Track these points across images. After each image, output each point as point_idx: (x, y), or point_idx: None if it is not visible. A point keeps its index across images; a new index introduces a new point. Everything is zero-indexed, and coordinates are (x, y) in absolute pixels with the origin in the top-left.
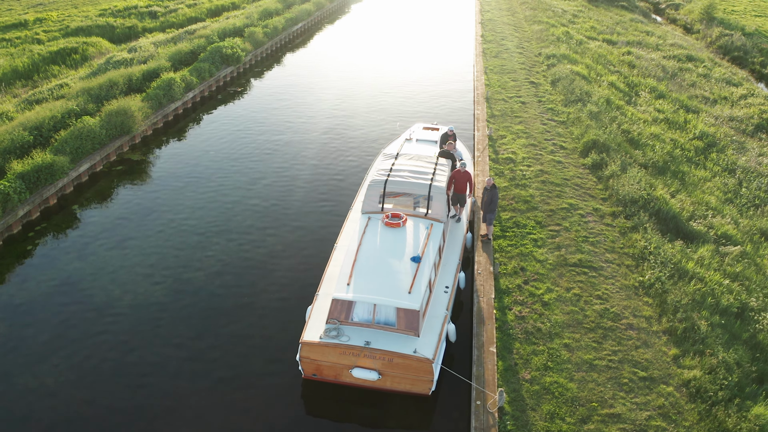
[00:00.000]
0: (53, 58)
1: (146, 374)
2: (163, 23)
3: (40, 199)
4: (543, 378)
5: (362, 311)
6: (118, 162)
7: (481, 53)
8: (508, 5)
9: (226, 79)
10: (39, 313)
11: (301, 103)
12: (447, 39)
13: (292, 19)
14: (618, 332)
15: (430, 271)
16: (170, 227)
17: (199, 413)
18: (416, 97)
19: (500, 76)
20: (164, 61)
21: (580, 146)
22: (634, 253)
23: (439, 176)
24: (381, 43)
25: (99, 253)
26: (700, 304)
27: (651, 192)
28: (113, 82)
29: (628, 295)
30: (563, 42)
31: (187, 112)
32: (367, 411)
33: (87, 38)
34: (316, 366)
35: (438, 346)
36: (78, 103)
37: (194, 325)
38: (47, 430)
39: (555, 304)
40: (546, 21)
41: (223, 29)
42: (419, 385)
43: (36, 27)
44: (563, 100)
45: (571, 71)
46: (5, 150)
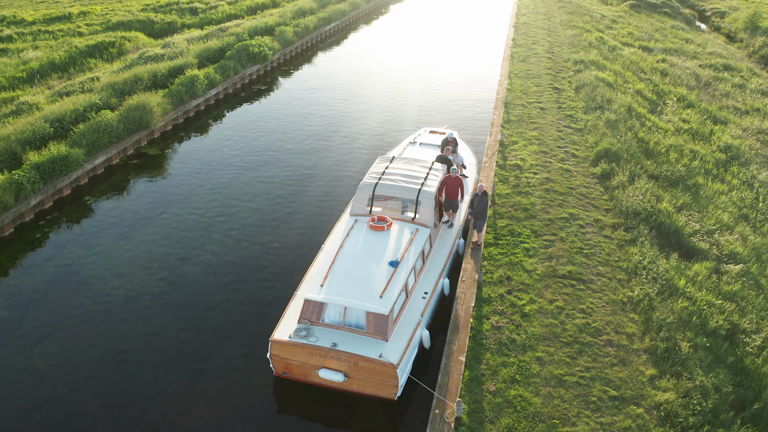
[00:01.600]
0: (90, 52)
1: (129, 362)
2: (202, 20)
3: (54, 189)
4: (508, 391)
5: (333, 313)
6: (135, 156)
7: (509, 57)
8: (546, 9)
9: (252, 77)
10: (39, 299)
11: (323, 104)
12: (478, 42)
13: (324, 19)
14: (595, 348)
15: (407, 276)
16: (175, 221)
17: (174, 403)
18: (437, 99)
19: (524, 81)
20: (191, 57)
21: (592, 155)
22: (628, 267)
23: (430, 181)
24: (412, 44)
25: (104, 243)
26: (686, 324)
27: (655, 205)
28: (138, 77)
29: (613, 311)
30: (594, 48)
31: (209, 109)
32: (334, 412)
33: (126, 33)
34: (285, 364)
35: (405, 352)
36: (101, 97)
37: (182, 318)
38: (29, 410)
39: (535, 315)
40: (581, 26)
41: (255, 27)
42: (384, 390)
43: (79, 20)
44: (584, 107)
45: (596, 78)
46: (26, 141)
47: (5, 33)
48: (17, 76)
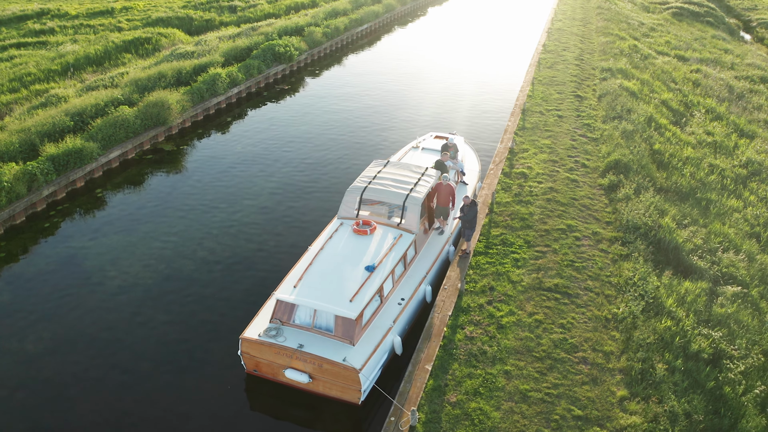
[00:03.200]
0: (126, 47)
1: (115, 351)
2: (240, 18)
3: (67, 181)
4: (468, 403)
5: (304, 314)
6: (151, 151)
7: (536, 63)
8: (583, 15)
9: (277, 76)
10: (40, 285)
11: (343, 105)
12: (509, 47)
13: (357, 20)
14: (568, 365)
15: (382, 281)
16: (178, 217)
17: (151, 393)
18: (457, 104)
19: (546, 88)
20: (218, 56)
21: (602, 165)
22: (618, 282)
23: (420, 187)
24: (442, 47)
25: (108, 235)
26: (667, 345)
27: (657, 219)
28: (162, 74)
29: (594, 327)
30: (625, 56)
31: (230, 107)
32: (300, 412)
33: (164, 29)
34: (255, 362)
35: (371, 357)
36: (123, 92)
37: (171, 311)
38: (13, 389)
39: (511, 328)
40: (616, 33)
41: (285, 27)
42: (348, 394)
43: (120, 15)
44: (604, 116)
45: (620, 86)
46: (45, 133)
47: (48, 26)
48: (52, 68)
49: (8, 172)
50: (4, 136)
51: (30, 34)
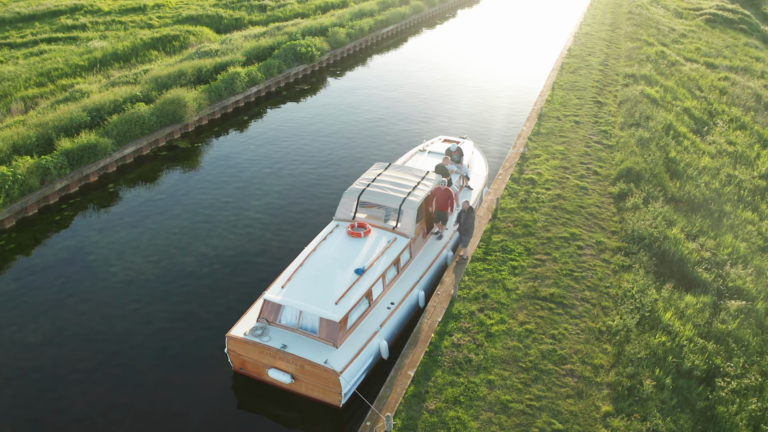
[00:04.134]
0: (154, 44)
1: (110, 344)
2: (269, 17)
3: (80, 175)
4: (447, 411)
5: (290, 315)
6: (166, 148)
7: (559, 67)
8: (613, 20)
9: (298, 76)
10: (45, 276)
11: (361, 106)
12: (534, 50)
13: (382, 22)
14: (554, 377)
15: (370, 285)
16: (186, 213)
17: (141, 386)
18: (476, 107)
19: (566, 93)
20: (240, 55)
21: (614, 173)
22: (616, 294)
23: (418, 191)
24: (468, 49)
25: (116, 229)
26: (660, 361)
27: (663, 230)
28: (182, 72)
29: (586, 339)
30: (651, 62)
31: (248, 106)
32: (283, 412)
33: (193, 27)
34: (241, 361)
35: (353, 360)
36: (142, 89)
37: (169, 306)
38: (9, 378)
39: (500, 336)
40: (644, 39)
41: (309, 27)
42: (329, 396)
43: (152, 12)
44: (622, 123)
45: (641, 93)
46: (62, 128)
47: (80, 21)
48: (80, 64)
49: (22, 165)
50: (22, 130)
51: (62, 29)
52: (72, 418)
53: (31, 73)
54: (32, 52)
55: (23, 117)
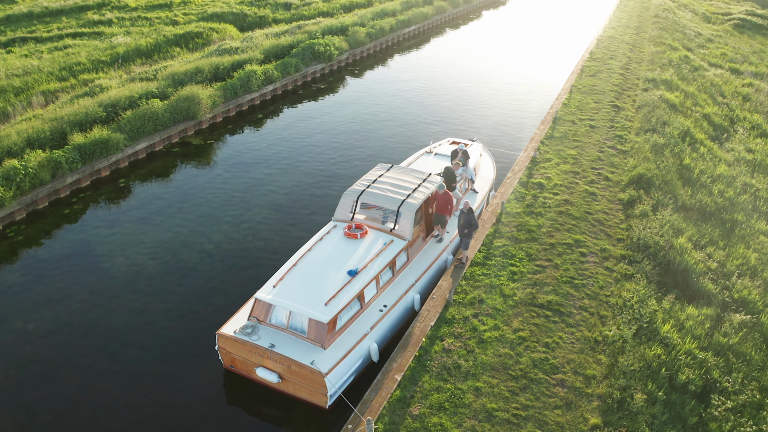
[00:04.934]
0: (177, 41)
1: (109, 337)
2: (293, 15)
3: (92, 169)
4: (430, 417)
5: (280, 315)
6: (179, 144)
7: (579, 71)
8: (638, 24)
9: (315, 75)
10: (51, 269)
11: (377, 106)
12: (556, 52)
13: (404, 22)
14: (544, 386)
15: (363, 286)
16: (194, 209)
17: (135, 379)
18: (492, 110)
19: (584, 97)
20: (258, 53)
21: (626, 179)
22: (616, 303)
23: (418, 194)
24: (489, 50)
25: (123, 224)
26: (654, 374)
27: (670, 239)
28: (199, 69)
29: (581, 349)
30: (674, 66)
31: (264, 104)
32: (271, 410)
33: (217, 24)
34: (231, 358)
35: (340, 362)
36: (158, 86)
37: (168, 301)
38: (7, 367)
39: (492, 343)
40: (669, 43)
41: (330, 26)
42: (316, 397)
43: (178, 9)
44: (638, 128)
45: (660, 98)
46: (77, 122)
47: (106, 17)
48: (102, 59)
49: (34, 159)
50: (38, 124)
51: (88, 24)
52: (65, 409)
53: (53, 67)
54: (57, 46)
55: (42, 111)
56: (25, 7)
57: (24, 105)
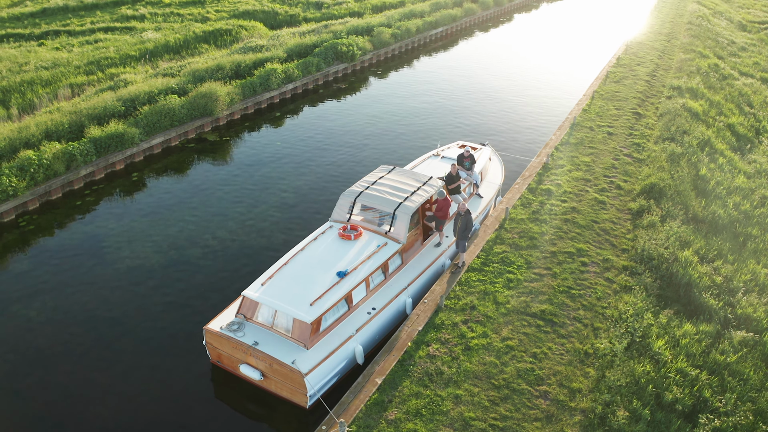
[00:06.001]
0: (205, 37)
1: (106, 327)
2: (323, 15)
3: (106, 163)
4: (405, 423)
5: (266, 313)
6: (195, 140)
7: (603, 77)
8: (671, 30)
9: (337, 74)
10: (57, 258)
11: (395, 108)
12: (583, 58)
13: (431, 23)
14: (526, 397)
15: (351, 288)
16: (202, 205)
17: (127, 370)
18: (511, 114)
19: (605, 103)
20: (281, 51)
21: (638, 188)
22: (612, 315)
23: (416, 197)
24: (516, 54)
25: (132, 217)
26: (641, 390)
27: (675, 251)
28: (221, 66)
29: (569, 361)
30: (702, 74)
31: (283, 102)
32: (255, 407)
33: (247, 22)
34: (217, 354)
35: (322, 363)
36: (178, 82)
37: (167, 295)
38: (6, 353)
39: (479, 351)
40: (699, 51)
41: (356, 26)
42: (296, 396)
43: (210, 6)
44: (658, 136)
45: (682, 106)
46: (96, 116)
47: (140, 12)
48: (130, 54)
49: (49, 151)
50: (57, 117)
51: (121, 19)
52: (56, 395)
53: (82, 60)
54: (88, 40)
55: (66, 104)
56: (61, 1)
57: (50, 97)
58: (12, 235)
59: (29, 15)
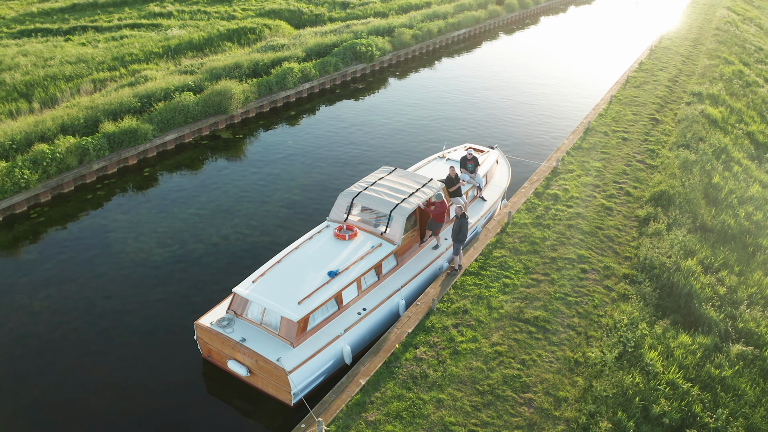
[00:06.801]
0: (229, 35)
1: (106, 319)
2: (348, 15)
3: (119, 158)
4: (384, 425)
5: (255, 310)
6: (208, 137)
7: (623, 81)
8: (697, 35)
9: (355, 75)
10: (64, 249)
11: (411, 109)
12: (605, 62)
13: (453, 25)
14: (509, 404)
15: (341, 288)
16: (210, 201)
17: (122, 361)
18: (527, 118)
19: (623, 108)
20: (300, 51)
21: (647, 195)
22: (607, 324)
23: (413, 199)
24: (539, 57)
25: (141, 211)
26: (629, 402)
27: (678, 260)
28: (238, 65)
29: (558, 369)
30: (724, 81)
31: (300, 101)
32: (243, 403)
33: (272, 20)
34: (208, 349)
35: (307, 361)
36: (195, 79)
37: (168, 289)
38: (9, 339)
39: (466, 355)
40: (724, 57)
41: (377, 27)
42: (281, 394)
43: (237, 4)
44: (674, 142)
45: (701, 113)
46: (112, 111)
47: (167, 9)
48: (154, 51)
49: (62, 145)
50: (74, 112)
51: (148, 16)
52: (50, 381)
53: (106, 56)
54: (114, 36)
55: (84, 99)
56: None
57: (72, 92)
58: (23, 227)
59: (59, 10)
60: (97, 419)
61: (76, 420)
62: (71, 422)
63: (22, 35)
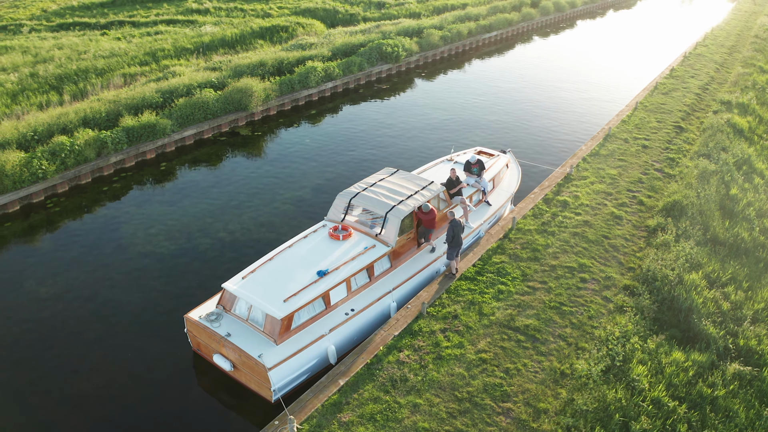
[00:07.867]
0: (262, 33)
1: (106, 308)
2: (383, 15)
3: (137, 151)
4: (357, 426)
5: (242, 306)
6: (227, 134)
7: (651, 87)
8: (734, 43)
9: (381, 75)
10: (75, 239)
11: (432, 111)
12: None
13: (485, 27)
14: (486, 413)
15: (329, 288)
16: (222, 197)
17: (117, 350)
18: (551, 123)
19: (647, 115)
20: (326, 50)
21: (661, 205)
22: (600, 336)
23: (411, 201)
24: (571, 61)
25: (152, 205)
26: (608, 418)
27: (682, 273)
28: (263, 63)
29: (542, 380)
30: (756, 90)
31: (322, 100)
32: (228, 397)
33: (306, 19)
34: (197, 342)
35: (288, 359)
36: (219, 76)
37: (170, 282)
38: (14, 325)
39: (449, 361)
40: (759, 65)
41: (406, 28)
42: (262, 390)
43: (274, 2)
44: (696, 151)
45: (726, 122)
46: (133, 106)
47: (204, 6)
48: (186, 47)
49: (81, 137)
50: (96, 105)
51: (185, 12)
52: (46, 369)
53: (138, 51)
54: (149, 32)
55: (109, 93)
56: None
57: (103, 86)
58: (39, 216)
59: (99, 5)
60: (87, 404)
61: (64, 404)
62: (61, 405)
63: (61, 28)
